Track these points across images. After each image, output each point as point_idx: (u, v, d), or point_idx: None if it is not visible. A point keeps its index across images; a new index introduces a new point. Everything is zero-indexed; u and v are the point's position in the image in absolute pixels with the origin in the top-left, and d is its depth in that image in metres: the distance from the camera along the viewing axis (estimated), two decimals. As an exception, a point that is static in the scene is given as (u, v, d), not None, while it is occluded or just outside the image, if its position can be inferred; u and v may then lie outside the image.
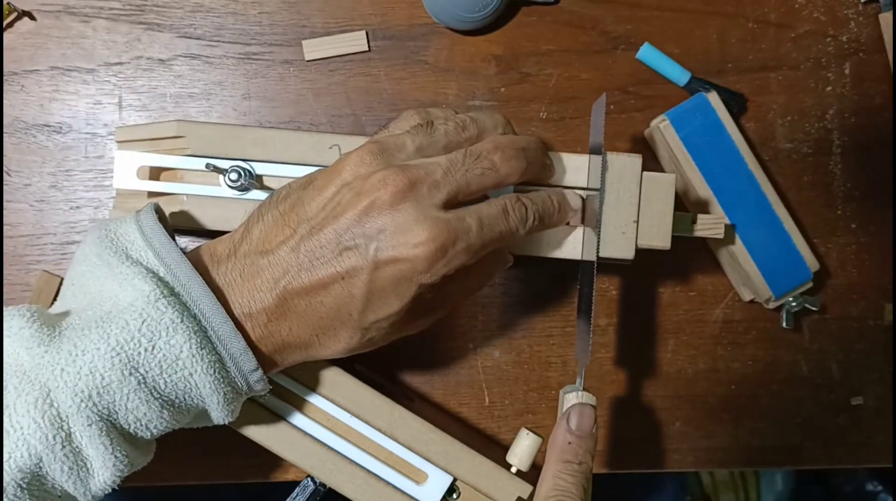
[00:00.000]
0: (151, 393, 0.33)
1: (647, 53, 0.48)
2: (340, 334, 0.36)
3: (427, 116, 0.39)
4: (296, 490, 0.42)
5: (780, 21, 0.49)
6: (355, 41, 0.47)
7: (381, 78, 0.48)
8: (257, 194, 0.42)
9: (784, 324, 0.46)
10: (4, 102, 0.47)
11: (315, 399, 0.41)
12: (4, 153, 0.47)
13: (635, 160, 0.39)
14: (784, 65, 0.49)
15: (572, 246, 0.41)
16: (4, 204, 0.47)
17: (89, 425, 0.32)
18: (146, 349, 0.32)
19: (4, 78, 0.47)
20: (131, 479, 0.42)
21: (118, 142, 0.42)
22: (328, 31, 0.48)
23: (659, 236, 0.39)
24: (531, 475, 0.41)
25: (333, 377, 0.40)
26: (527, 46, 0.48)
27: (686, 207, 0.47)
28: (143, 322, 0.32)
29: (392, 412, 0.40)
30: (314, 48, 0.47)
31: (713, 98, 0.45)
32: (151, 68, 0.47)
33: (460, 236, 0.34)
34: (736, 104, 0.47)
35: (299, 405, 0.41)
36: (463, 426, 0.47)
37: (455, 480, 0.40)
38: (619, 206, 0.39)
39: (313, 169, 0.38)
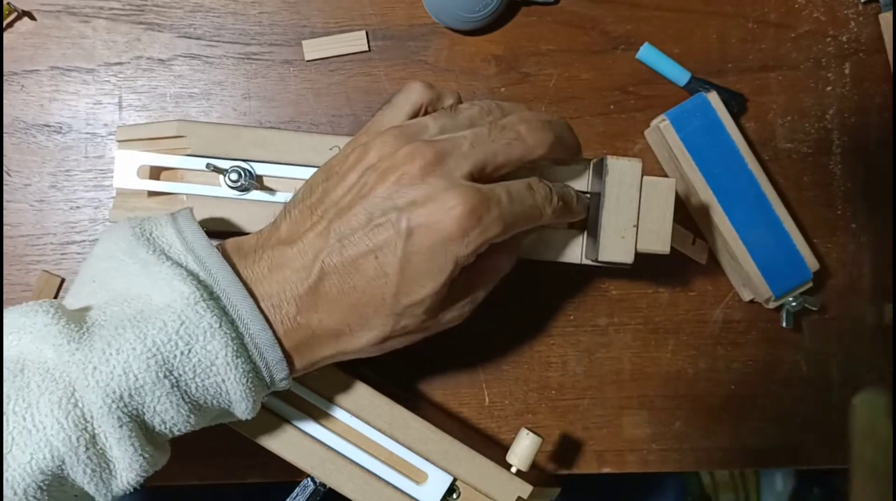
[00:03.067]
0: (182, 397, 0.32)
1: (647, 53, 0.48)
2: (373, 321, 0.35)
3: (433, 90, 0.38)
4: (296, 490, 0.42)
5: (780, 21, 0.49)
6: (355, 41, 0.47)
7: (381, 78, 0.48)
8: (257, 195, 0.42)
9: (784, 324, 0.46)
10: (4, 102, 0.47)
11: (315, 399, 0.41)
12: (4, 153, 0.47)
13: (635, 165, 0.39)
14: (784, 65, 0.49)
15: (572, 250, 0.41)
16: (4, 204, 0.47)
17: (120, 426, 0.31)
18: (182, 352, 0.32)
19: (4, 78, 0.47)
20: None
21: (118, 141, 0.42)
22: (328, 31, 0.48)
23: (659, 242, 0.39)
24: (531, 475, 0.41)
25: (333, 377, 0.40)
26: (527, 46, 0.48)
27: (686, 207, 0.47)
28: (181, 325, 0.31)
29: (392, 412, 0.40)
30: (314, 48, 0.47)
31: (713, 98, 0.45)
32: (151, 68, 0.47)
33: (493, 204, 0.34)
34: (736, 104, 0.47)
35: (299, 405, 0.41)
36: (463, 426, 0.47)
37: (455, 480, 0.40)
38: (619, 210, 0.39)
39: (314, 170, 0.38)
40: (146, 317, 0.32)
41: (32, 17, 0.47)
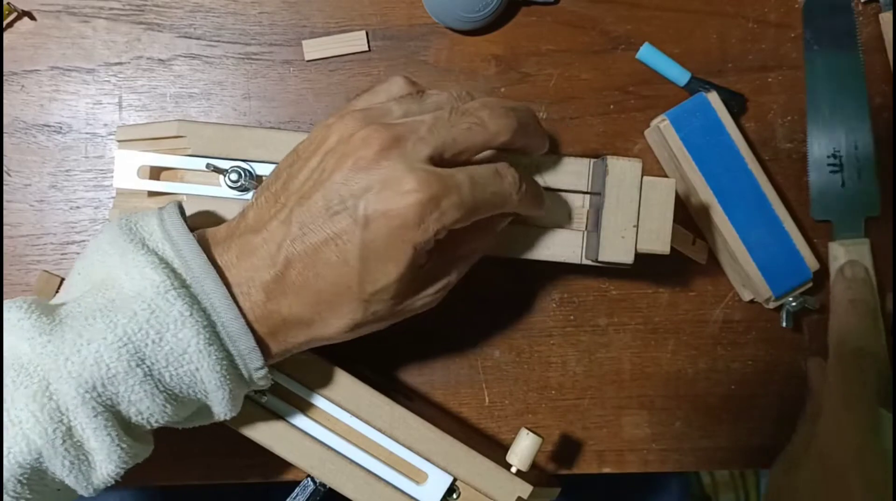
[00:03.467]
0: (157, 386, 0.32)
1: (647, 53, 0.48)
2: (342, 308, 0.34)
3: (414, 86, 0.37)
4: (296, 490, 0.42)
5: (780, 21, 0.49)
6: (355, 41, 0.47)
7: (382, 78, 0.48)
8: None
9: (784, 324, 0.46)
10: (4, 102, 0.47)
11: (315, 399, 0.41)
12: (4, 153, 0.47)
13: (635, 165, 0.39)
14: (784, 65, 0.49)
15: (572, 250, 0.41)
16: (4, 204, 0.47)
17: (95, 416, 0.31)
18: (153, 341, 0.32)
19: (4, 78, 0.47)
20: (132, 479, 0.41)
21: (119, 141, 0.42)
22: (328, 31, 0.48)
23: (658, 242, 0.39)
24: (531, 475, 0.41)
25: (333, 377, 0.40)
26: (527, 46, 0.48)
27: (686, 208, 0.47)
28: (151, 313, 0.32)
29: (392, 412, 0.40)
30: (314, 48, 0.47)
31: (713, 98, 0.45)
32: (151, 68, 0.47)
33: (451, 190, 0.33)
34: (736, 104, 0.47)
35: (299, 405, 0.41)
36: (463, 426, 0.47)
37: (455, 480, 0.40)
38: (619, 210, 0.39)
39: None
40: (116, 306, 0.32)
41: (32, 17, 0.47)
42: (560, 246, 0.41)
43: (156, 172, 0.42)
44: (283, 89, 0.48)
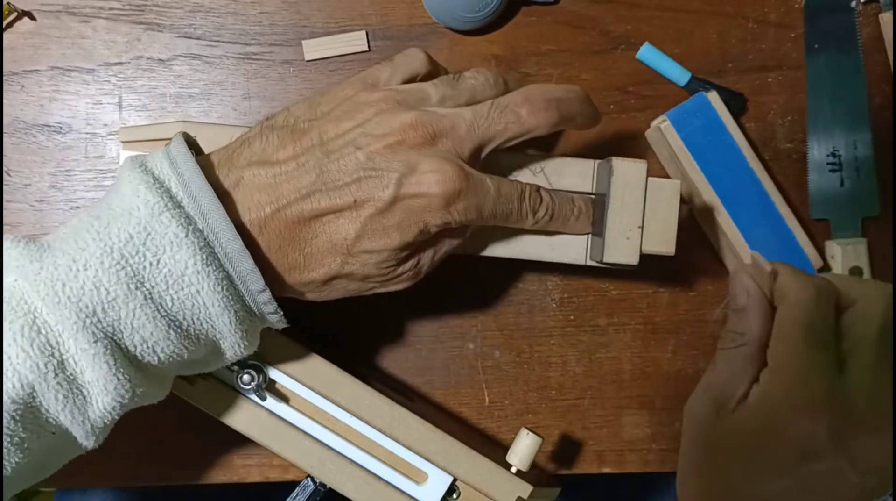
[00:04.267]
0: (158, 310, 0.31)
1: (647, 53, 0.48)
2: (326, 258, 0.35)
3: (433, 64, 0.39)
4: (296, 490, 0.42)
5: (780, 21, 0.49)
6: (355, 41, 0.47)
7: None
8: None
9: None
10: (4, 102, 0.47)
11: (315, 399, 0.41)
12: (4, 153, 0.47)
13: (640, 166, 0.39)
14: (784, 65, 0.49)
15: (577, 251, 0.41)
16: (4, 204, 0.47)
17: (94, 342, 0.30)
18: (151, 264, 0.31)
19: (4, 78, 0.47)
20: (133, 479, 0.42)
21: (122, 142, 0.42)
22: (328, 31, 0.48)
23: (664, 242, 0.39)
24: (531, 475, 0.41)
25: (333, 377, 0.40)
26: (527, 46, 0.48)
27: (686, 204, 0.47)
28: (147, 236, 0.31)
29: (392, 412, 0.40)
30: (314, 48, 0.47)
31: (713, 98, 0.45)
32: (151, 68, 0.47)
33: (479, 190, 0.35)
34: (736, 104, 0.47)
35: (299, 404, 0.41)
36: (463, 426, 0.47)
37: (455, 480, 0.40)
38: (624, 211, 0.39)
39: None
40: (106, 224, 0.31)
41: (32, 17, 0.47)
42: (564, 247, 0.41)
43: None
44: (284, 89, 0.48)
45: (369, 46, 0.48)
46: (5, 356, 0.30)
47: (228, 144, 0.36)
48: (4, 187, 0.47)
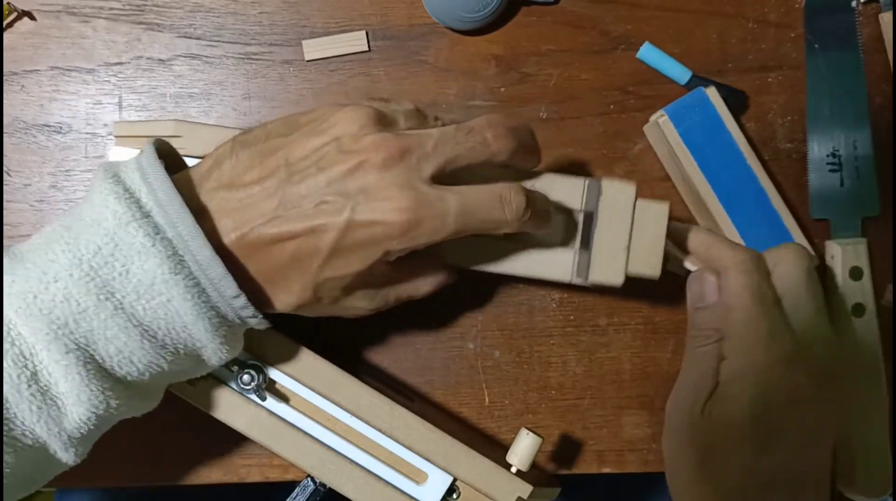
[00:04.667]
0: (130, 320, 0.32)
1: (648, 52, 0.48)
2: (293, 285, 0.35)
3: (423, 110, 0.38)
4: (296, 490, 0.42)
5: (780, 21, 0.49)
6: (355, 41, 0.47)
7: (382, 78, 0.48)
8: None
9: None
10: (4, 102, 0.47)
11: (315, 399, 0.41)
12: (4, 153, 0.47)
13: (629, 188, 0.39)
14: (784, 65, 0.49)
15: (562, 269, 0.41)
16: (4, 204, 0.47)
17: (66, 353, 0.31)
18: (120, 274, 0.31)
19: (4, 78, 0.47)
20: (133, 479, 0.42)
21: (116, 137, 0.42)
22: (328, 31, 0.48)
23: (649, 265, 0.39)
24: (531, 475, 0.41)
25: (333, 377, 0.40)
26: (527, 46, 0.48)
27: (685, 203, 0.47)
28: (115, 247, 0.31)
29: (392, 412, 0.40)
30: (314, 48, 0.47)
31: (712, 93, 0.45)
32: (151, 68, 0.47)
33: (437, 216, 0.34)
34: (737, 102, 0.47)
35: (299, 404, 0.41)
36: (463, 426, 0.47)
37: (455, 480, 0.40)
38: (611, 232, 0.39)
39: None
40: (76, 235, 0.32)
41: (32, 17, 0.47)
42: (550, 264, 0.41)
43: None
44: (284, 89, 0.48)
45: (369, 46, 0.48)
46: None
47: (201, 162, 0.36)
48: (4, 187, 0.47)
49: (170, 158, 0.37)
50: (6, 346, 0.30)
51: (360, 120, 0.35)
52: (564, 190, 0.41)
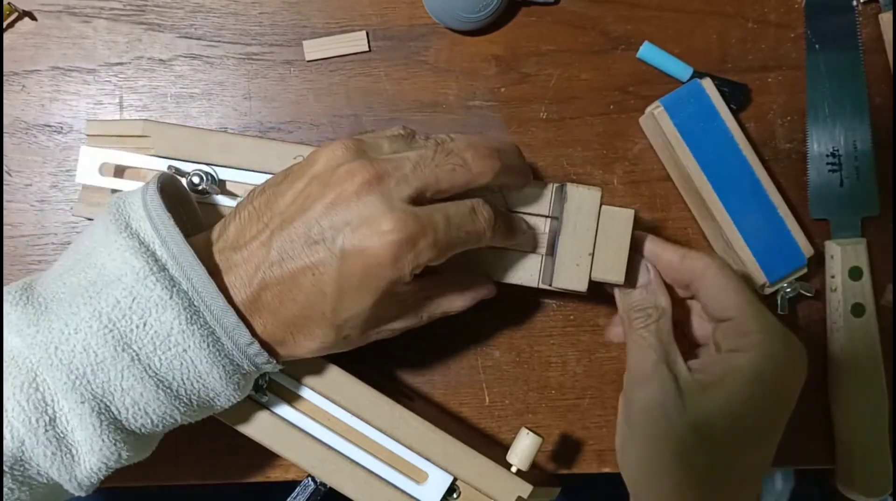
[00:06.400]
0: (146, 371, 0.32)
1: (648, 51, 0.48)
2: (315, 331, 0.35)
3: (410, 133, 0.38)
4: (296, 490, 0.42)
5: (780, 21, 0.49)
6: (356, 41, 0.47)
7: (382, 78, 0.48)
8: (219, 199, 0.42)
9: (780, 310, 0.46)
10: (5, 102, 0.47)
11: (315, 399, 0.41)
12: (5, 153, 0.47)
13: (594, 194, 0.39)
14: (784, 65, 0.49)
15: (529, 274, 0.41)
16: (5, 204, 0.47)
17: (82, 402, 0.32)
18: (137, 326, 0.32)
19: (5, 78, 0.47)
20: (133, 478, 0.42)
21: (88, 135, 0.42)
22: (329, 32, 0.48)
23: (613, 271, 0.39)
24: (531, 474, 0.41)
25: (333, 377, 0.41)
26: (527, 46, 0.48)
27: (681, 194, 0.47)
28: (133, 300, 0.32)
29: (392, 411, 0.40)
30: (315, 48, 0.47)
31: (707, 84, 0.45)
32: (152, 68, 0.47)
33: (427, 230, 0.34)
34: (740, 96, 0.47)
35: (299, 404, 0.41)
36: (463, 426, 0.47)
37: (455, 480, 0.40)
38: (576, 238, 0.39)
39: None
40: (98, 290, 0.32)
41: (33, 18, 0.47)
42: (518, 269, 0.41)
43: (121, 170, 0.42)
44: (284, 89, 0.48)
45: (370, 46, 0.48)
46: (4, 410, 0.31)
47: (214, 226, 0.37)
48: (5, 187, 0.47)
49: (172, 189, 0.38)
50: (30, 390, 0.31)
51: (337, 152, 0.35)
52: (533, 194, 0.41)
